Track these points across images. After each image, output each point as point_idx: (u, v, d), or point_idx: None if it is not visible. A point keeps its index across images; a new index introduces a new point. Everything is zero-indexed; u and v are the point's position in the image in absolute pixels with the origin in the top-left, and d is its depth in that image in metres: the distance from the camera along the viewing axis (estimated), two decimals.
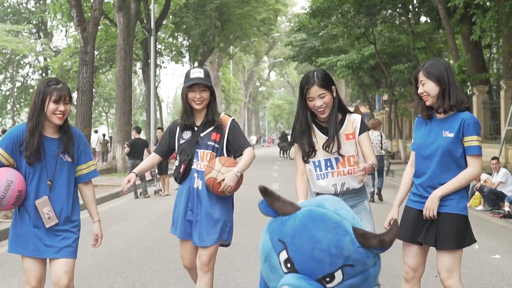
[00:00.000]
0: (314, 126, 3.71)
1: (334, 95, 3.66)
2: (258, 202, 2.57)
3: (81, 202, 3.73)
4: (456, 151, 3.45)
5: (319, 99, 3.58)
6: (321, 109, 3.60)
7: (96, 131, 32.42)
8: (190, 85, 3.99)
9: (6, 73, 40.78)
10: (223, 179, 3.83)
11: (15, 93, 40.64)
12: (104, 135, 32.66)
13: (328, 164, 3.66)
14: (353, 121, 3.72)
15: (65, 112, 3.48)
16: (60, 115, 3.45)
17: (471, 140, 3.39)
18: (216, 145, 4.04)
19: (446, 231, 3.45)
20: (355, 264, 2.33)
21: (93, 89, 19.28)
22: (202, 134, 4.06)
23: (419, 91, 3.57)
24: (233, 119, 4.14)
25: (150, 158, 4.29)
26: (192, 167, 4.04)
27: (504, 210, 10.22)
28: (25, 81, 41.74)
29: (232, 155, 4.12)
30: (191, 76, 4.02)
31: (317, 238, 2.33)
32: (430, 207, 3.46)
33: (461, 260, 3.53)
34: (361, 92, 32.92)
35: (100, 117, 50.12)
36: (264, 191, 2.51)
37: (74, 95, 20.23)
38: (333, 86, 3.65)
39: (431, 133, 3.55)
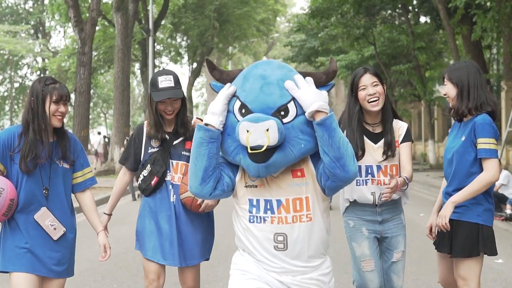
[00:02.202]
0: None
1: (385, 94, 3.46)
2: (209, 84, 2.66)
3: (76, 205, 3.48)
4: (468, 156, 3.34)
5: (372, 87, 3.38)
6: (374, 98, 3.38)
7: (99, 133, 32.35)
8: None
9: (4, 74, 40.68)
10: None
11: (13, 94, 40.54)
12: (105, 136, 32.59)
13: (369, 171, 3.43)
14: (399, 128, 3.52)
15: (65, 113, 3.21)
16: (60, 116, 3.18)
17: (480, 143, 3.28)
18: (190, 155, 3.64)
19: (456, 239, 3.37)
20: None
21: (91, 90, 19.18)
22: (174, 143, 3.61)
23: (443, 92, 3.54)
24: None
25: (121, 178, 3.78)
26: (165, 179, 3.58)
27: (506, 213, 10.10)
28: (23, 82, 41.64)
29: None
30: (160, 85, 3.48)
31: (264, 75, 2.46)
32: (442, 215, 3.33)
33: (480, 268, 3.41)
34: None
35: (99, 118, 50.00)
36: (211, 64, 2.63)
37: (72, 96, 20.12)
38: (383, 84, 3.47)
39: (455, 137, 3.48)
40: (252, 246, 2.60)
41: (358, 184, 3.44)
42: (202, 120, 3.71)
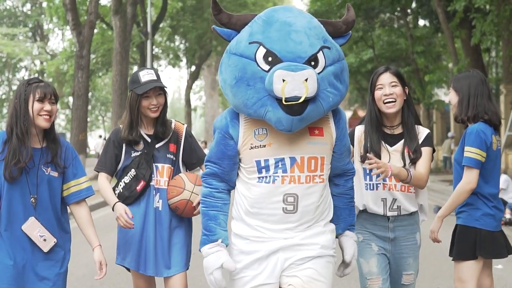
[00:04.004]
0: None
1: (405, 97, 3.22)
2: (212, 28, 2.49)
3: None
4: (460, 164, 3.38)
5: (390, 88, 3.14)
6: (390, 100, 3.14)
7: (100, 136, 32.36)
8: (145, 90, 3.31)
9: (2, 76, 40.66)
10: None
11: (11, 97, 40.53)
12: (105, 139, 32.59)
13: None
14: (419, 134, 3.26)
15: (52, 112, 2.96)
16: (46, 116, 2.93)
17: (465, 151, 3.31)
18: (173, 158, 3.47)
19: (455, 243, 3.44)
20: (331, 46, 2.38)
21: (89, 93, 19.14)
22: (157, 146, 3.45)
23: (447, 100, 3.59)
24: (187, 127, 3.59)
25: (106, 183, 3.47)
26: (150, 183, 3.40)
27: (505, 217, 10.04)
28: None
29: (185, 168, 3.56)
30: (143, 79, 3.34)
31: (289, 22, 2.32)
32: (430, 229, 3.46)
33: (477, 271, 3.40)
34: (359, 96, 32.84)
35: (97, 121, 49.94)
36: (217, 5, 2.42)
37: (70, 99, 20.06)
38: (405, 86, 3.24)
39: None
40: (252, 211, 2.50)
41: (367, 188, 3.21)
42: (183, 124, 3.58)
